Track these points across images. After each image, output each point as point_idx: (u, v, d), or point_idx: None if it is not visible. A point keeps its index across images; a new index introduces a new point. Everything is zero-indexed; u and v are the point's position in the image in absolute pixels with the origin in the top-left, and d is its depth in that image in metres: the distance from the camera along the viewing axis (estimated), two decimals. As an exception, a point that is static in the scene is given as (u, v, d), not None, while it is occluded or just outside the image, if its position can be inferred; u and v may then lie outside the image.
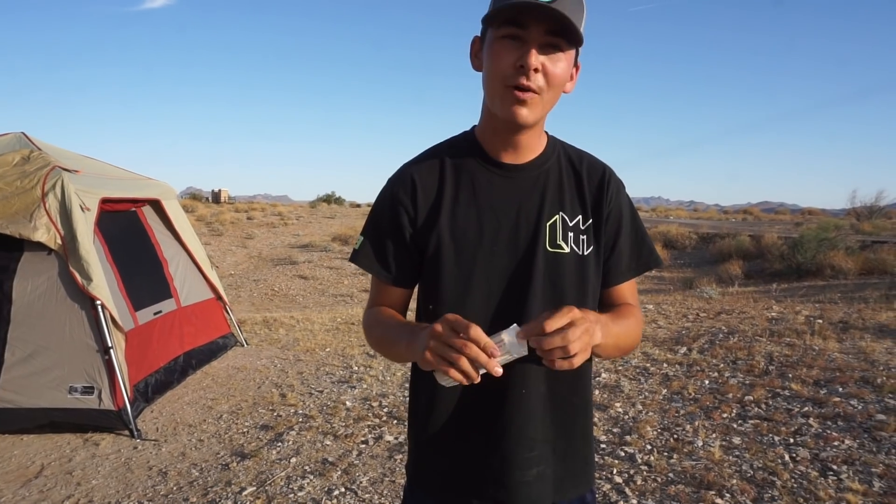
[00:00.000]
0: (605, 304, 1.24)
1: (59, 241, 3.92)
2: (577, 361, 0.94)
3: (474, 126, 1.24)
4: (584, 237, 1.17)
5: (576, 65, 1.13)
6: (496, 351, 0.94)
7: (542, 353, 0.94)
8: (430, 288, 1.19)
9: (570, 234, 1.17)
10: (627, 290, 1.25)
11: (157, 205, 5.39)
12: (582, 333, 0.93)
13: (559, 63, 1.07)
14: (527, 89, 1.06)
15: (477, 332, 0.93)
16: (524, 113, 1.08)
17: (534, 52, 1.04)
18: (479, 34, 1.15)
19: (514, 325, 0.97)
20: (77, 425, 3.95)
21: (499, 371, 0.94)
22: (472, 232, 1.16)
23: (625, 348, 1.16)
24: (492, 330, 0.98)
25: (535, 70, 1.05)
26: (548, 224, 1.16)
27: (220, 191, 39.83)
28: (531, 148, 1.18)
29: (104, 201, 4.46)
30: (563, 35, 1.05)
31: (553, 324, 0.92)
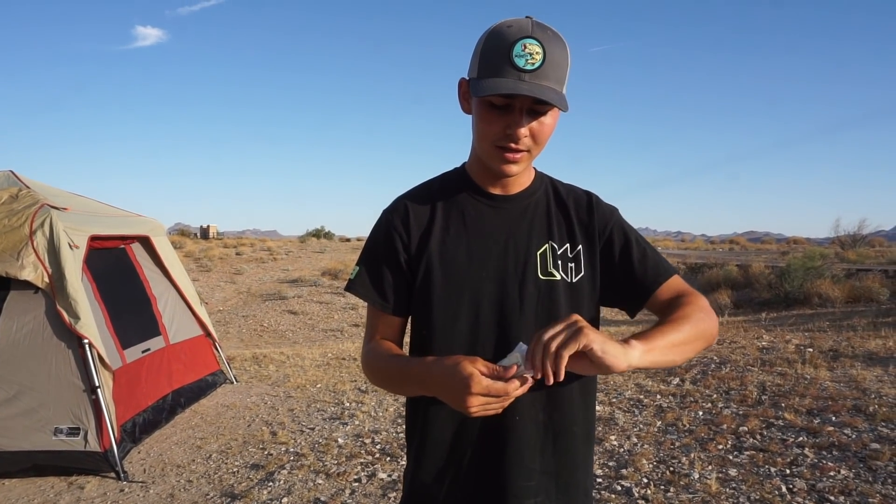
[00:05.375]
0: (660, 306, 1.20)
1: (46, 280, 3.88)
2: (576, 368, 0.96)
3: (464, 162, 1.27)
4: (573, 265, 1.20)
5: None
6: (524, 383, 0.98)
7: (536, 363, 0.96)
8: (421, 313, 1.20)
9: (560, 262, 1.19)
10: (673, 285, 1.21)
11: (146, 241, 5.37)
12: (570, 334, 0.94)
13: (546, 121, 1.10)
14: (516, 151, 1.10)
15: (508, 389, 0.97)
16: (514, 169, 1.14)
17: (522, 123, 1.07)
18: (465, 76, 1.16)
19: (521, 344, 1.00)
20: (62, 468, 3.85)
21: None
22: (461, 259, 1.18)
23: (690, 342, 1.09)
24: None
25: (525, 136, 1.09)
26: (538, 253, 1.19)
27: (208, 226, 39.72)
28: (519, 182, 1.22)
29: (93, 238, 4.44)
30: (550, 104, 1.06)
31: (548, 331, 0.95)
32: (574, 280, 1.19)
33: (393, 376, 1.18)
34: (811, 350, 6.07)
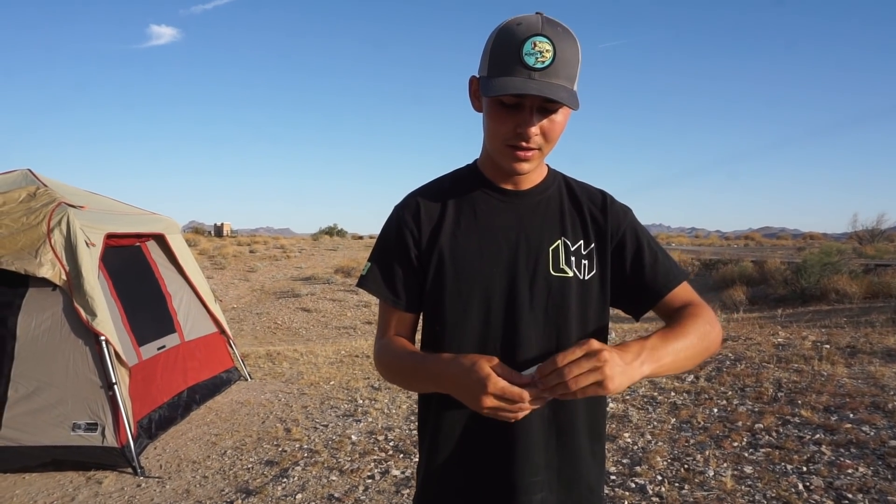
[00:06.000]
0: (666, 311, 1.20)
1: (63, 277, 3.93)
2: (580, 394, 0.96)
3: (476, 159, 1.27)
4: (586, 262, 1.19)
5: None
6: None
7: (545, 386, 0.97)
8: (433, 309, 1.20)
9: (573, 259, 1.18)
10: (683, 291, 1.21)
11: (161, 239, 5.42)
12: (589, 368, 0.94)
13: (557, 118, 1.09)
14: (527, 149, 1.10)
15: (524, 396, 0.97)
16: (525, 167, 1.13)
17: (532, 122, 1.07)
18: (475, 74, 1.15)
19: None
20: (80, 463, 3.90)
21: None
22: (472, 254, 1.18)
23: (694, 357, 1.10)
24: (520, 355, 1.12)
25: (535, 134, 1.08)
26: (550, 249, 1.18)
27: (222, 224, 39.97)
28: (531, 178, 1.22)
29: (109, 236, 4.49)
30: (560, 102, 1.05)
31: (565, 357, 0.94)
32: (586, 277, 1.18)
33: (407, 373, 1.18)
34: (828, 346, 6.00)
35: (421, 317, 1.25)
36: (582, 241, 1.20)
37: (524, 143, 1.08)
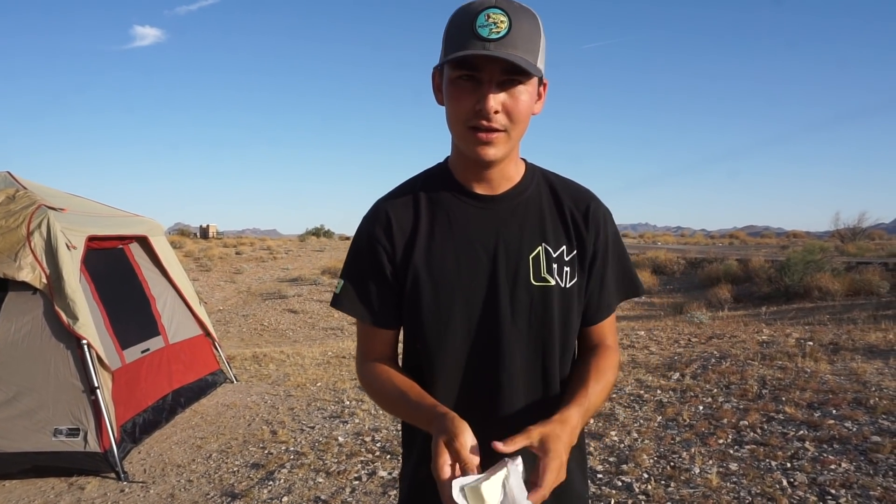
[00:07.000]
0: (584, 343, 1.21)
1: (44, 281, 3.88)
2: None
3: (447, 157, 1.20)
4: (568, 268, 1.14)
5: (542, 83, 1.10)
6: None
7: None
8: (412, 326, 1.16)
9: (555, 266, 1.13)
10: (608, 325, 1.21)
11: (144, 241, 5.36)
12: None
13: (521, 96, 1.03)
14: (490, 130, 1.03)
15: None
16: (491, 152, 1.06)
17: (491, 95, 1.01)
18: (437, 66, 1.10)
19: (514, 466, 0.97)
20: (62, 469, 3.84)
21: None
22: (449, 267, 1.12)
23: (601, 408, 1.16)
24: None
25: (496, 112, 1.02)
26: (531, 256, 1.12)
27: (208, 226, 39.65)
28: (507, 178, 1.15)
29: (91, 239, 4.43)
30: (520, 72, 1.01)
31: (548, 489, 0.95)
32: (568, 285, 1.14)
33: (396, 412, 1.17)
34: (811, 343, 6.06)
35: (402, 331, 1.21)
36: (564, 247, 1.15)
37: (485, 123, 1.03)
